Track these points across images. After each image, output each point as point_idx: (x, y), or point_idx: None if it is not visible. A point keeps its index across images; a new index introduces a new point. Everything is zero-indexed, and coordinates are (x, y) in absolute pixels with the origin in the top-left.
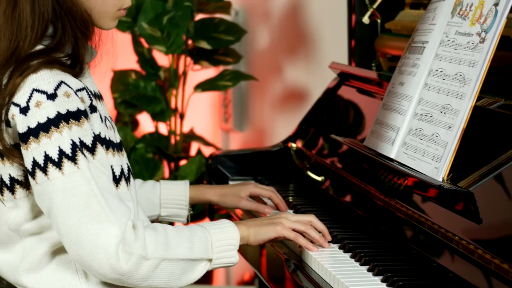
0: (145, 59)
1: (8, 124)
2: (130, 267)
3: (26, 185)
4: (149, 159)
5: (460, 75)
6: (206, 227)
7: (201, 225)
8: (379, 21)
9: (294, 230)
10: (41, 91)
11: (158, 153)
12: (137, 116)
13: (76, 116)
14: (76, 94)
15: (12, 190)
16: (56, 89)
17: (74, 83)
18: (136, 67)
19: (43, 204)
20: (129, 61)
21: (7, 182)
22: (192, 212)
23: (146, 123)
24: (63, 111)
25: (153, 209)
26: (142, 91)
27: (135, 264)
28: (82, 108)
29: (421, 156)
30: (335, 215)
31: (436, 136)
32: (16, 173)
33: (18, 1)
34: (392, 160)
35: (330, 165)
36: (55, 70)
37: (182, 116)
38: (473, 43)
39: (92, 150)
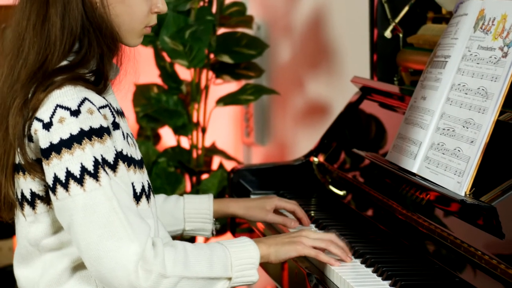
0: (167, 73)
1: (30, 139)
2: (149, 285)
3: (47, 200)
4: (171, 173)
5: (483, 89)
6: (226, 245)
7: (221, 243)
8: (401, 35)
9: (314, 247)
10: (65, 107)
11: (180, 167)
12: (159, 130)
13: (99, 133)
14: (99, 111)
15: (32, 205)
16: (79, 105)
17: (98, 100)
18: (158, 81)
19: (64, 220)
20: (151, 75)
21: (28, 197)
22: (218, 225)
23: (168, 137)
24: (86, 128)
25: (178, 224)
26: (164, 105)
27: (154, 282)
28: (105, 125)
29: (443, 170)
30: (357, 229)
31: (459, 150)
32: (37, 188)
33: (49, 15)
34: (414, 174)
35: (352, 180)
36: (79, 86)
37: (204, 130)
38: (495, 58)
39: (114, 167)
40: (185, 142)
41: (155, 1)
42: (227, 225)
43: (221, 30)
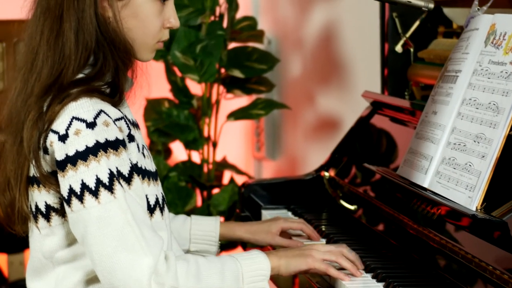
0: (178, 88)
1: (46, 151)
2: None
3: (61, 213)
4: (182, 187)
5: (494, 104)
6: (237, 258)
7: (232, 255)
8: (412, 50)
9: (325, 260)
10: (81, 119)
11: (191, 181)
12: (170, 144)
13: (114, 145)
14: (115, 124)
15: (47, 217)
16: (95, 118)
17: (113, 112)
18: (169, 95)
19: (78, 232)
20: (162, 90)
21: (43, 209)
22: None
23: (179, 152)
24: (102, 140)
25: (183, 244)
26: (175, 120)
27: None
28: (120, 137)
29: (455, 185)
30: (368, 244)
31: (470, 165)
32: (52, 200)
33: (62, 29)
34: (425, 189)
35: (363, 194)
36: (95, 98)
37: (214, 145)
38: (506, 72)
39: (128, 180)
40: (196, 157)
41: (168, 16)
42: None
43: (232, 45)
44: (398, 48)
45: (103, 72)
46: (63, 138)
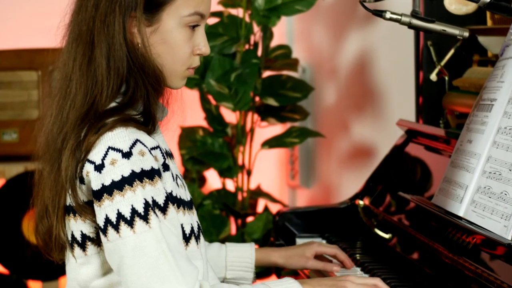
0: (213, 116)
1: (82, 181)
2: None
3: (97, 242)
4: (216, 215)
5: None
6: (271, 285)
7: (265, 283)
8: (446, 78)
9: None
10: (117, 149)
11: (225, 209)
12: (205, 172)
13: (150, 175)
14: (151, 153)
15: (83, 246)
16: (131, 147)
17: (149, 141)
18: (204, 123)
19: (113, 262)
20: (197, 118)
21: (79, 238)
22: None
23: (213, 180)
24: (138, 170)
25: (219, 271)
26: (210, 148)
27: None
28: (156, 167)
29: (490, 214)
30: (402, 273)
31: (505, 194)
32: (88, 229)
33: (94, 55)
34: (460, 218)
35: (397, 223)
36: (130, 128)
37: (249, 173)
38: None
39: (164, 209)
40: (230, 185)
41: (197, 42)
42: (272, 268)
43: (266, 73)
44: (433, 76)
45: (136, 99)
46: (99, 168)
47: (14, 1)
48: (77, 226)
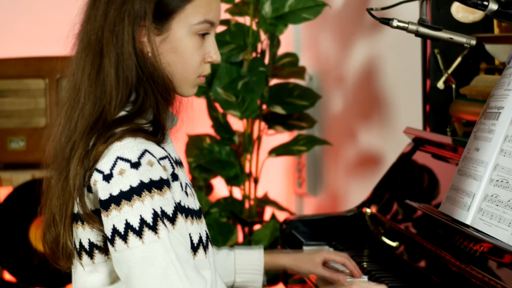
0: (220, 124)
1: (89, 189)
2: None
3: (105, 250)
4: (223, 223)
5: None
6: None
7: None
8: (454, 86)
9: None
10: (125, 159)
11: (232, 217)
12: (212, 180)
13: (159, 185)
14: (159, 163)
15: (91, 254)
16: (140, 157)
17: (158, 151)
18: (211, 131)
19: (121, 271)
20: (204, 126)
21: (86, 246)
22: (265, 280)
23: (220, 188)
24: (146, 180)
25: (228, 275)
26: (217, 156)
27: None
28: (164, 177)
29: (497, 222)
30: (409, 281)
31: None
32: (96, 238)
33: (103, 65)
34: (467, 226)
35: (404, 231)
36: (139, 138)
37: (256, 181)
38: None
39: (172, 219)
40: (237, 193)
41: (208, 50)
42: (280, 276)
43: (273, 81)
44: (440, 84)
45: (145, 108)
46: (107, 177)
47: (21, 10)
48: (85, 234)
